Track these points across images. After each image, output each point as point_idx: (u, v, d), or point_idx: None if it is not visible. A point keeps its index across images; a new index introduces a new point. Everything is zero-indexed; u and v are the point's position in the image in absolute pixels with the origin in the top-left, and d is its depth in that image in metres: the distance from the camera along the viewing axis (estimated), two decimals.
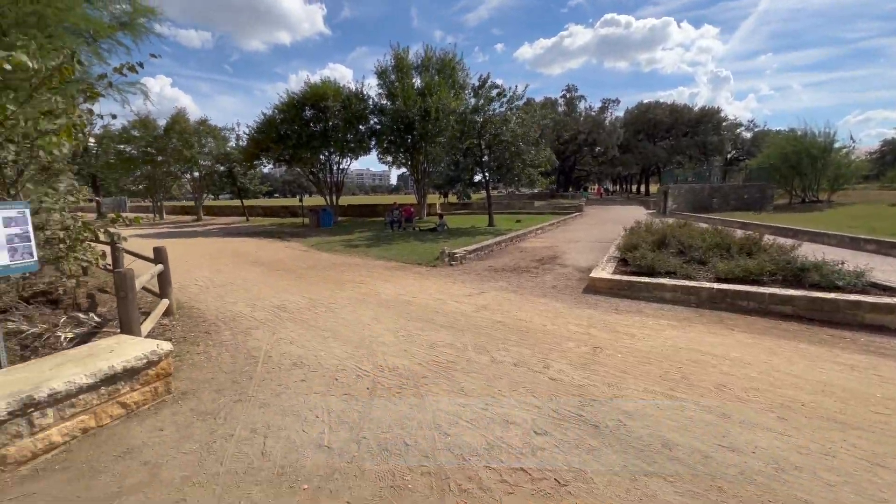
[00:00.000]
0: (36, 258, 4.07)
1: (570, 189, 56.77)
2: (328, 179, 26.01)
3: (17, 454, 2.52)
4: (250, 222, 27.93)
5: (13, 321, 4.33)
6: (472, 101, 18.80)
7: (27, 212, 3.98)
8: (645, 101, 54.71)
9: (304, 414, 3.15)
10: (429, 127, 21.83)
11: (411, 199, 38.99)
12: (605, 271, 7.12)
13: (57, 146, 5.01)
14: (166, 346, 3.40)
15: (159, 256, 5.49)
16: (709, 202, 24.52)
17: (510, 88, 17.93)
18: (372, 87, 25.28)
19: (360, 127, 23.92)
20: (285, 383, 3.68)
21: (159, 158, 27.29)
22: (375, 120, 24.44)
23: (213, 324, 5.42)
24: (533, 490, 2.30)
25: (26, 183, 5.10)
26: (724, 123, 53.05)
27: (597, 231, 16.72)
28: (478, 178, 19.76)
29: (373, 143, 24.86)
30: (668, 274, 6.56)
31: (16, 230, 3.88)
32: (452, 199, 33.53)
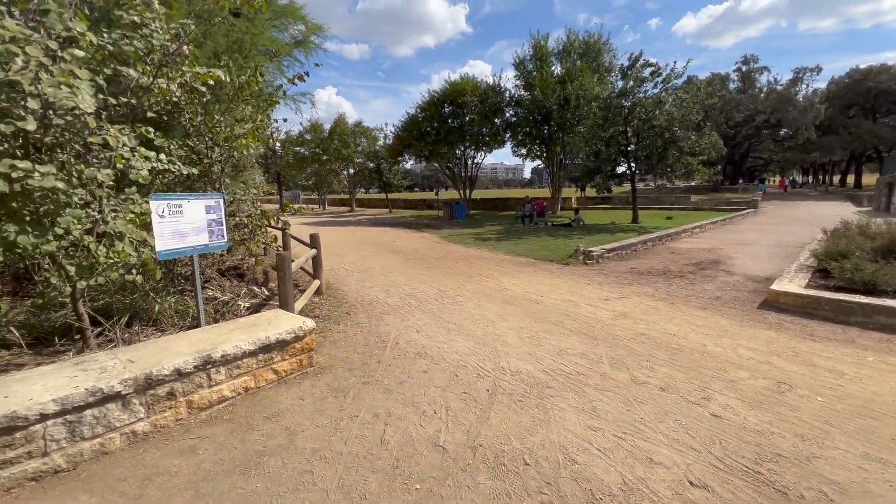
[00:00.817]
0: (227, 239, 4.94)
1: (741, 181, 47.77)
2: (462, 173, 26.77)
3: (199, 401, 3.03)
4: (392, 214, 30.61)
5: (211, 290, 5.38)
6: (619, 83, 16.99)
7: (222, 201, 4.82)
8: (862, 66, 41.89)
9: (423, 407, 3.12)
10: (567, 116, 20.63)
11: (545, 192, 37.73)
12: (793, 284, 5.59)
13: (246, 147, 6.02)
14: (310, 323, 3.74)
15: (314, 242, 6.24)
16: None
17: (666, 65, 15.66)
18: (509, 79, 25.10)
19: (496, 120, 23.92)
20: (408, 372, 3.73)
21: (324, 158, 31.84)
22: (511, 112, 24.16)
23: (352, 305, 5.92)
24: None
25: (225, 178, 6.27)
26: None
27: (778, 232, 13.54)
28: (621, 169, 17.91)
29: (507, 135, 24.65)
30: None
31: (213, 216, 4.74)
32: (591, 192, 31.27)
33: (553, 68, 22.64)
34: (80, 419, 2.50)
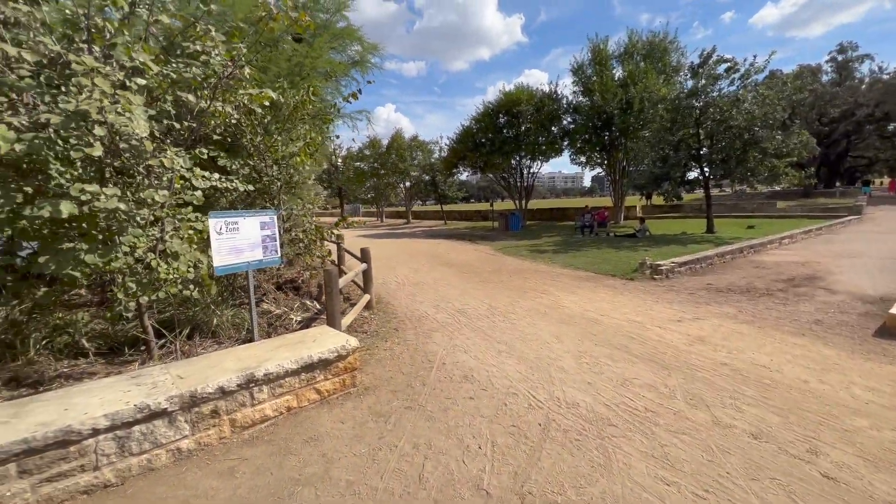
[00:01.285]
0: (279, 255, 5.06)
1: (838, 184, 42.35)
2: (518, 183, 26.28)
3: (242, 420, 3.02)
4: (447, 225, 30.76)
5: (266, 303, 5.55)
6: (689, 83, 15.74)
7: (276, 217, 4.96)
8: None
9: (467, 441, 2.85)
10: (630, 120, 19.53)
11: (606, 201, 35.96)
12: None
13: (302, 164, 6.21)
14: (353, 342, 3.65)
15: (364, 256, 6.25)
16: None
17: (745, 60, 14.24)
18: (566, 85, 24.42)
19: (553, 128, 23.28)
20: (454, 397, 3.49)
21: (381, 172, 32.92)
22: (569, 119, 23.40)
23: (401, 321, 5.82)
24: None
25: (281, 194, 6.50)
26: None
27: (893, 243, 11.60)
28: (692, 174, 16.50)
29: (565, 143, 23.86)
30: None
31: (267, 232, 4.87)
32: (657, 200, 29.27)
33: (614, 72, 21.65)
34: (128, 435, 2.55)
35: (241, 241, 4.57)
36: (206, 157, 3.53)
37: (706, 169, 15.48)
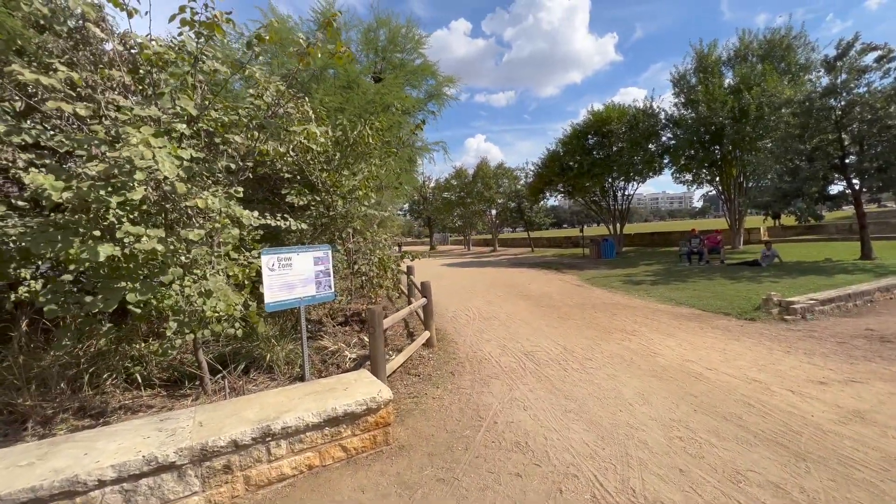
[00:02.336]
0: (334, 290, 4.95)
1: None
2: (611, 207, 24.34)
3: (257, 477, 2.76)
4: (535, 253, 29.57)
5: (323, 339, 5.48)
6: (824, 80, 13.14)
7: (329, 253, 4.88)
8: None
9: None
10: (746, 130, 16.92)
11: (719, 223, 31.53)
12: None
13: (365, 198, 6.20)
14: (386, 393, 3.24)
15: (424, 290, 5.92)
16: None
17: None
18: (665, 99, 22.35)
19: (650, 146, 21.26)
20: (497, 472, 2.85)
21: (468, 200, 33.21)
22: (669, 135, 21.20)
23: (460, 363, 5.29)
24: None
25: (348, 228, 6.54)
26: None
27: None
28: (835, 188, 13.50)
29: (665, 161, 21.57)
30: None
31: (321, 267, 4.81)
32: (788, 220, 24.77)
33: (723, 78, 19.18)
34: (135, 488, 2.42)
35: (293, 277, 4.54)
36: (240, 195, 3.55)
37: (855, 181, 12.53)
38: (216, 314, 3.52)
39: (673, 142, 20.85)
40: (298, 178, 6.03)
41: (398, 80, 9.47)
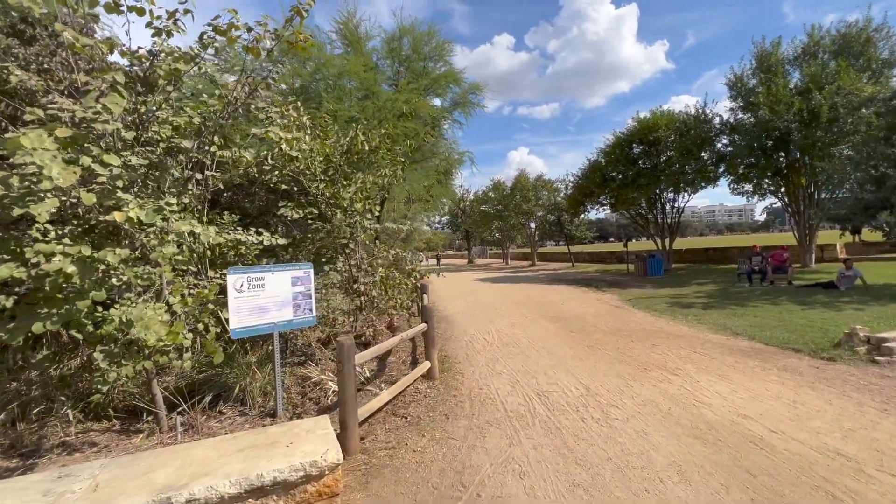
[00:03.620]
0: (315, 314, 4.41)
1: None
2: (659, 220, 22.56)
3: None
4: (575, 268, 28.04)
5: (308, 366, 4.94)
6: None
7: (311, 272, 4.35)
8: None
9: None
10: (817, 134, 14.97)
11: (786, 238, 28.46)
12: None
13: (364, 210, 5.68)
14: (333, 456, 2.59)
15: (425, 315, 5.25)
16: None
17: None
18: (718, 104, 20.53)
19: (703, 154, 19.50)
20: None
21: (505, 213, 32.30)
22: (725, 142, 19.36)
23: (460, 402, 4.53)
24: None
25: (351, 243, 6.02)
26: None
27: None
28: None
29: (721, 170, 19.69)
30: None
31: (300, 288, 4.28)
32: (871, 236, 21.78)
33: (789, 78, 17.26)
34: None
35: (266, 299, 4.06)
36: (172, 206, 3.08)
37: None
38: (159, 343, 3.06)
39: (729, 149, 19.00)
40: (296, 189, 5.62)
41: (414, 86, 9.03)
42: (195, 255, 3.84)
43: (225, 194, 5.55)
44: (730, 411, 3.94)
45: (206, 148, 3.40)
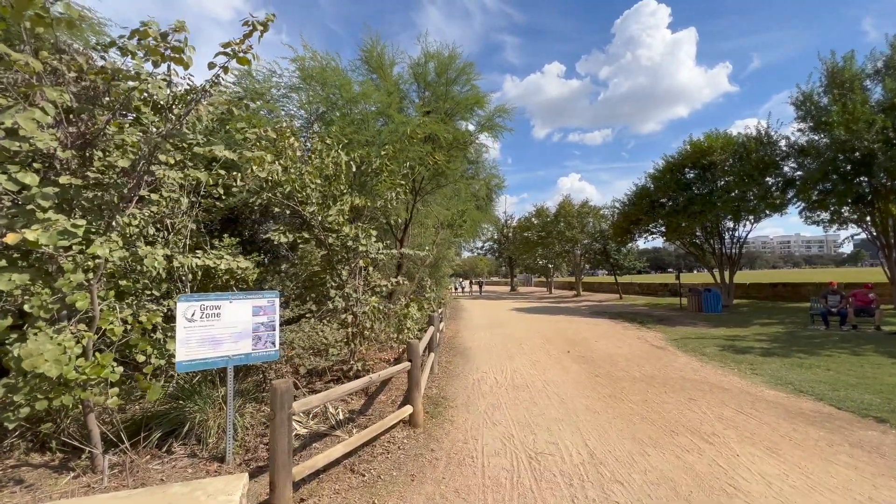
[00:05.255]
0: (277, 348, 4.04)
1: None
2: (716, 250, 20.54)
3: None
4: (622, 300, 26.11)
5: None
6: None
7: (276, 301, 4.03)
8: None
9: None
10: None
11: (875, 274, 24.78)
12: None
13: (348, 231, 5.34)
14: None
15: (410, 352, 4.69)
16: None
17: None
18: (783, 123, 18.63)
19: (767, 179, 17.62)
20: None
21: (549, 240, 31.12)
22: (793, 165, 17.41)
23: (434, 461, 3.88)
24: None
25: (342, 270, 5.69)
26: None
27: None
28: None
29: (789, 196, 17.65)
30: None
31: (263, 318, 3.94)
32: None
33: (867, 94, 15.29)
34: None
35: (221, 329, 3.75)
36: (79, 230, 2.83)
37: None
38: (83, 377, 2.79)
39: (799, 173, 17.03)
40: (287, 213, 5.43)
41: (429, 108, 8.78)
42: (154, 280, 3.65)
43: (217, 217, 5.49)
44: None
45: (146, 168, 3.22)
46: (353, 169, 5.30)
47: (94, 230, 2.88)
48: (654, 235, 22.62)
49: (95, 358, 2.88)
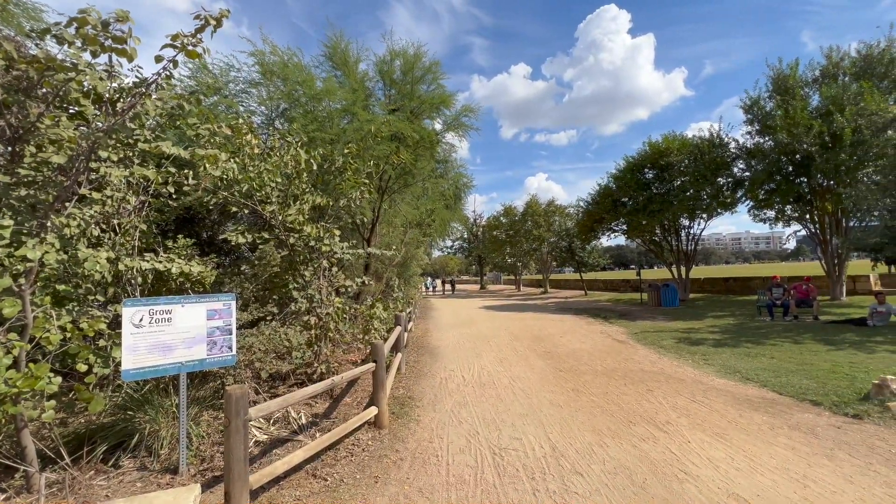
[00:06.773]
0: (234, 352, 3.90)
1: None
2: (673, 247, 21.52)
3: None
4: (588, 297, 26.90)
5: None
6: None
7: (233, 304, 3.88)
8: None
9: None
10: (840, 158, 14.05)
11: (816, 267, 26.76)
12: None
13: (314, 234, 5.22)
14: None
15: (374, 353, 4.65)
16: None
17: None
18: (734, 127, 19.66)
19: (718, 179, 18.64)
20: None
21: (516, 238, 31.64)
22: (742, 166, 18.50)
23: (398, 462, 3.87)
24: None
25: (304, 271, 5.56)
26: None
27: None
28: None
29: (739, 195, 18.74)
30: None
31: (218, 322, 3.79)
32: None
33: (807, 101, 16.46)
34: None
35: (173, 335, 3.57)
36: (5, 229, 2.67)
37: None
38: (14, 391, 2.59)
39: (747, 174, 18.11)
40: (246, 212, 5.24)
41: (394, 106, 8.73)
42: (99, 285, 3.43)
43: (171, 218, 5.23)
44: (720, 488, 3.17)
45: (86, 165, 3.03)
46: (314, 167, 5.18)
47: (25, 231, 2.66)
48: (617, 233, 23.45)
49: (29, 369, 2.68)
